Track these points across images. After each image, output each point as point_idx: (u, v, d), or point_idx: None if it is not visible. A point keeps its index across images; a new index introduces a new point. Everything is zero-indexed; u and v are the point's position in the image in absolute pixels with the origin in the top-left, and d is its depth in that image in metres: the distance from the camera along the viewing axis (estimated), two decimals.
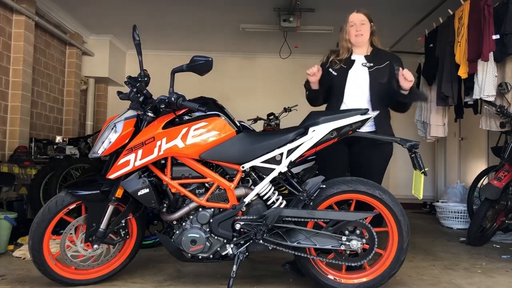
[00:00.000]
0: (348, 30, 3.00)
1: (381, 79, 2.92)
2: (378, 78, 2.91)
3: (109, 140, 2.48)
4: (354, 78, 2.95)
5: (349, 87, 2.94)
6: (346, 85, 2.94)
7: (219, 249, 2.53)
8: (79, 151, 5.69)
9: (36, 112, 5.72)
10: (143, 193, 2.46)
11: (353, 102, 2.92)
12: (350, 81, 2.94)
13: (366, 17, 3.00)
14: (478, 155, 6.41)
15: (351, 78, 2.95)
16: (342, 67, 2.99)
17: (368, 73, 2.93)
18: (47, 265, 2.54)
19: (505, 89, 3.99)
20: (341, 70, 2.99)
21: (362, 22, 2.99)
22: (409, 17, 5.52)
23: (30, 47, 5.31)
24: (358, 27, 2.97)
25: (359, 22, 2.98)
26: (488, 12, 3.96)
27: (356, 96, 2.92)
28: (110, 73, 7.20)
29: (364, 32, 2.98)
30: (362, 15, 3.00)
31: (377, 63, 2.95)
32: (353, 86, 2.93)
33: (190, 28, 6.59)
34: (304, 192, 2.51)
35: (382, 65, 2.94)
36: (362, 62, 2.97)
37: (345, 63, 2.99)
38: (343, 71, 2.98)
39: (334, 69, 3.00)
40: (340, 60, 3.01)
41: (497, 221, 4.25)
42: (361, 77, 2.94)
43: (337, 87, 2.98)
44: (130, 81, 2.53)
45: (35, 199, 4.49)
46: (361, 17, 3.00)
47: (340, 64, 2.99)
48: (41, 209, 2.54)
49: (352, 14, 3.03)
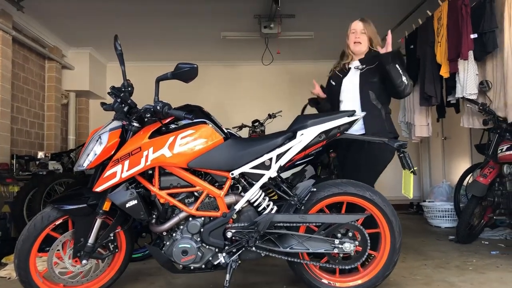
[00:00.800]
0: (349, 36, 3.10)
1: (371, 78, 2.95)
2: (368, 78, 2.95)
3: (94, 152, 2.43)
4: (347, 85, 3.03)
5: (343, 95, 3.03)
6: (341, 93, 3.04)
7: (211, 258, 2.48)
8: (62, 166, 5.60)
9: (16, 128, 5.61)
10: (131, 205, 2.41)
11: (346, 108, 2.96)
12: (344, 89, 3.04)
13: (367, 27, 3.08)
14: (461, 154, 6.49)
15: (345, 86, 3.05)
16: (338, 76, 3.10)
17: (359, 75, 2.98)
18: (34, 283, 2.46)
19: (486, 87, 4.04)
20: (337, 79, 3.10)
21: (363, 31, 3.06)
22: (388, 20, 5.55)
23: (8, 62, 5.22)
24: (357, 35, 3.05)
25: (359, 30, 3.07)
26: (465, 12, 4.02)
27: (349, 102, 3.00)
28: (91, 86, 7.13)
29: (363, 41, 3.06)
30: (363, 23, 3.08)
31: (369, 63, 3.00)
32: (346, 93, 3.02)
33: (170, 38, 6.57)
34: (295, 197, 2.49)
35: (373, 64, 2.97)
36: (355, 66, 3.04)
37: (341, 72, 3.10)
38: (339, 80, 3.08)
39: (333, 79, 3.13)
40: (339, 70, 3.13)
41: (485, 218, 4.29)
42: (353, 82, 3.01)
43: (334, 96, 3.10)
44: (114, 91, 2.49)
45: (19, 216, 4.38)
46: (361, 27, 3.08)
47: (338, 74, 3.11)
48: (27, 225, 2.46)
49: (354, 22, 3.12)
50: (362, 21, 3.10)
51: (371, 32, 3.10)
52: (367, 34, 3.07)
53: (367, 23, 3.10)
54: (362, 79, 2.98)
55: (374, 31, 3.12)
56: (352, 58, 3.11)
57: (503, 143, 4.01)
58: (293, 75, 7.64)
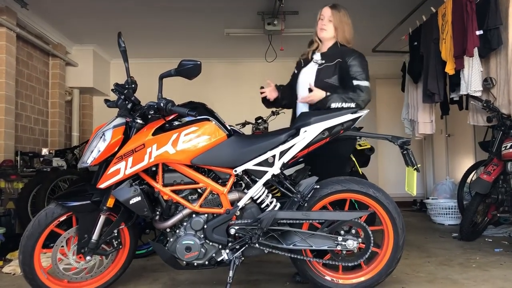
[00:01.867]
0: (318, 22, 3.03)
1: (327, 77, 2.87)
2: (324, 76, 2.88)
3: (98, 149, 2.43)
4: (304, 76, 2.99)
5: (300, 85, 3.00)
6: (298, 83, 3.02)
7: (214, 255, 2.49)
8: (66, 163, 5.62)
9: (20, 125, 5.63)
10: (135, 202, 2.42)
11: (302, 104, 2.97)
12: (301, 80, 3.00)
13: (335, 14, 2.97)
14: (465, 151, 6.48)
15: (302, 77, 3.01)
16: (300, 66, 3.06)
17: (316, 70, 2.92)
18: (39, 279, 2.48)
19: (490, 84, 4.03)
20: (299, 68, 3.07)
21: (330, 19, 2.97)
22: (392, 17, 5.56)
23: (12, 59, 5.23)
24: (324, 22, 2.98)
25: (327, 18, 2.98)
26: (470, 8, 4.00)
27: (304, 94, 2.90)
28: (95, 83, 7.13)
29: (328, 29, 2.97)
30: (331, 11, 2.98)
31: (328, 60, 2.92)
32: (303, 84, 2.97)
33: (174, 35, 6.56)
34: (298, 194, 2.49)
35: (332, 62, 2.89)
36: (315, 59, 2.98)
37: (305, 62, 3.05)
38: (299, 70, 3.06)
39: (296, 67, 3.09)
40: (303, 59, 3.08)
41: (488, 215, 4.28)
42: (309, 74, 2.96)
43: (294, 86, 3.08)
44: (118, 88, 2.50)
45: (23, 213, 4.41)
46: (330, 13, 2.97)
47: (301, 62, 3.07)
48: (31, 222, 2.48)
49: (324, 7, 3.03)
50: (332, 8, 2.99)
51: (338, 21, 2.96)
52: (334, 23, 2.96)
53: (337, 11, 2.98)
54: (319, 76, 2.89)
55: (343, 21, 2.97)
56: (319, 45, 3.04)
57: (507, 141, 3.99)
58: None
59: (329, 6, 3.01)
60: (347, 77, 2.83)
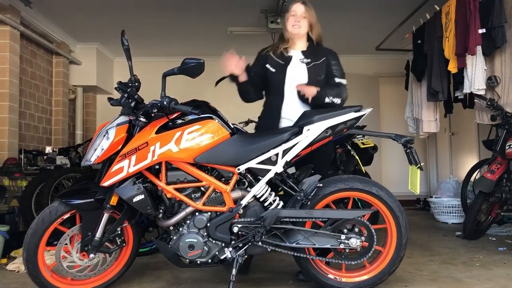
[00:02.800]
0: (288, 18, 2.97)
1: (318, 75, 2.89)
2: (316, 75, 2.89)
3: (101, 147, 2.43)
4: (292, 75, 2.91)
5: (288, 85, 2.91)
6: (285, 83, 2.91)
7: (218, 253, 2.49)
8: (70, 161, 5.64)
9: (24, 123, 5.65)
10: (138, 200, 2.42)
11: (293, 102, 2.89)
12: (289, 79, 2.91)
13: (308, 10, 2.95)
14: (469, 150, 6.46)
15: (290, 75, 2.92)
16: (279, 63, 2.95)
17: (306, 69, 2.90)
18: (43, 277, 2.49)
19: (494, 82, 4.02)
20: (279, 66, 2.94)
21: (303, 15, 2.94)
22: (396, 15, 5.54)
23: (16, 57, 5.25)
24: (297, 18, 2.93)
25: (300, 14, 2.94)
26: (473, 6, 3.99)
27: (296, 94, 2.87)
28: (98, 81, 7.14)
29: (302, 26, 2.93)
30: (304, 7, 2.95)
31: (314, 59, 2.92)
32: (292, 84, 2.89)
33: (177, 34, 6.56)
34: (301, 192, 2.49)
35: (319, 61, 2.91)
36: (300, 58, 2.94)
37: (282, 59, 2.95)
38: (281, 68, 2.94)
39: (272, 65, 2.95)
40: (277, 56, 2.97)
41: (492, 214, 4.26)
42: (300, 74, 2.91)
43: (276, 84, 2.94)
44: (121, 86, 2.50)
45: (27, 211, 4.42)
46: (303, 10, 2.94)
47: (277, 60, 2.95)
48: (35, 220, 2.49)
49: (296, 3, 2.98)
50: (304, 4, 2.96)
51: (313, 18, 2.96)
52: (308, 19, 2.94)
53: (309, 8, 2.96)
54: (311, 75, 2.89)
55: (315, 17, 2.98)
56: (290, 43, 2.99)
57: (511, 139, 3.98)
58: None
59: (301, 3, 2.97)
60: (329, 75, 2.91)
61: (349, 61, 7.66)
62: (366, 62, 7.78)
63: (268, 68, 2.95)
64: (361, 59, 7.77)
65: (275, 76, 2.93)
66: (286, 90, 2.91)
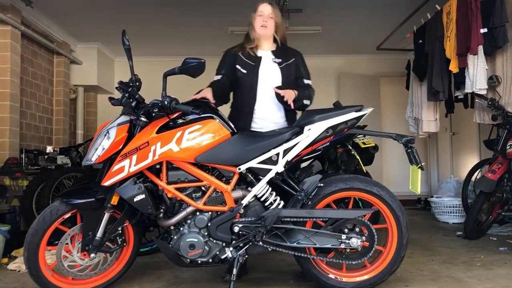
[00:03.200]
0: (256, 18, 2.99)
1: (290, 75, 2.95)
2: (288, 75, 2.94)
3: (102, 147, 2.43)
4: (265, 75, 2.93)
5: (262, 85, 2.93)
6: (258, 83, 2.93)
7: (218, 252, 2.49)
8: (71, 160, 5.64)
9: (25, 122, 5.65)
10: (139, 199, 2.42)
11: (265, 102, 2.92)
12: (262, 80, 2.93)
13: (275, 12, 2.99)
14: (470, 149, 6.45)
15: (262, 76, 2.94)
16: (250, 64, 2.96)
17: (279, 69, 2.94)
18: (44, 276, 2.49)
19: (496, 82, 4.01)
20: (250, 67, 2.95)
21: (270, 16, 2.97)
22: (397, 14, 5.54)
23: (17, 57, 5.25)
24: (265, 18, 2.96)
25: (267, 14, 2.97)
26: (475, 6, 3.99)
27: (269, 95, 2.91)
28: (99, 81, 7.15)
29: (269, 26, 2.97)
30: (271, 7, 2.99)
31: (285, 59, 2.97)
32: (266, 84, 2.92)
33: (178, 33, 6.57)
34: (302, 192, 2.49)
35: (289, 61, 2.97)
36: (271, 58, 2.97)
37: (252, 60, 2.97)
38: (252, 69, 2.95)
39: (242, 66, 2.96)
40: (246, 56, 2.98)
41: (493, 214, 4.26)
42: (273, 74, 2.94)
43: (248, 86, 2.95)
44: (122, 86, 2.50)
45: (28, 210, 4.43)
46: (270, 10, 2.98)
47: (247, 61, 2.96)
48: (36, 219, 2.49)
49: (263, 4, 3.01)
50: (270, 4, 3.00)
51: (278, 18, 3.01)
52: (275, 20, 2.98)
53: (275, 8, 3.01)
54: (284, 75, 2.94)
55: (281, 18, 3.04)
56: (256, 43, 3.01)
57: None
58: None
59: (268, 3, 3.00)
60: (298, 76, 2.97)
61: (350, 60, 7.80)
62: (367, 62, 7.78)
63: (238, 69, 2.96)
64: (362, 59, 7.77)
65: (246, 77, 2.94)
66: (259, 91, 2.93)
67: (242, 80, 2.95)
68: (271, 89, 2.88)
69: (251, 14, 3.04)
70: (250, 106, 2.92)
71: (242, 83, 2.96)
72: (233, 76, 2.97)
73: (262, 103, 2.93)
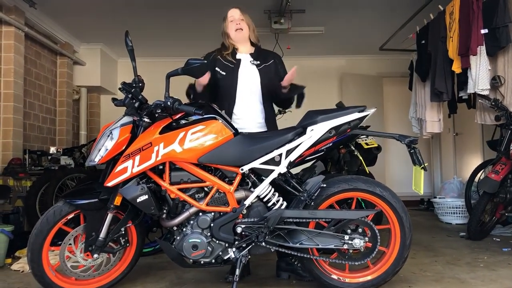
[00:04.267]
0: (228, 25, 3.06)
1: (270, 76, 3.00)
2: (267, 76, 2.99)
3: (105, 148, 2.44)
4: (245, 77, 2.98)
5: (241, 87, 2.97)
6: (238, 85, 2.97)
7: (221, 253, 2.50)
8: (74, 161, 5.65)
9: (29, 123, 5.67)
10: (142, 200, 2.43)
11: (245, 103, 2.97)
12: (241, 81, 2.97)
13: (244, 14, 3.06)
14: (473, 150, 6.44)
15: (242, 78, 2.98)
16: (229, 67, 2.99)
17: (257, 71, 2.99)
18: (47, 277, 2.50)
19: (499, 82, 4.00)
20: (229, 70, 2.99)
21: (241, 18, 3.04)
22: (399, 15, 5.53)
23: (20, 58, 5.27)
24: (237, 21, 3.03)
25: (238, 17, 3.04)
26: (477, 6, 3.98)
27: (248, 96, 2.97)
28: (102, 82, 7.16)
29: (244, 27, 3.04)
30: (239, 11, 3.07)
31: (263, 61, 3.04)
32: (245, 86, 2.97)
33: (180, 34, 6.57)
34: (305, 192, 2.49)
35: (268, 63, 3.04)
36: (250, 60, 3.02)
37: (231, 63, 3.00)
38: (231, 71, 2.98)
39: (221, 68, 2.99)
40: (225, 60, 3.01)
41: (496, 215, 4.25)
42: (252, 76, 2.99)
43: (227, 87, 2.98)
44: (125, 87, 2.51)
45: (31, 211, 4.45)
46: (239, 13, 3.05)
47: (227, 64, 3.00)
48: (39, 220, 2.50)
49: (230, 9, 3.08)
50: (238, 8, 3.07)
51: (249, 20, 3.08)
52: (246, 21, 3.06)
53: (244, 11, 3.08)
54: (263, 76, 2.99)
55: (251, 20, 3.10)
56: (233, 48, 3.05)
57: None
58: (303, 71, 7.53)
59: (235, 7, 3.08)
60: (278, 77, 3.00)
61: (352, 61, 7.80)
62: (369, 63, 7.77)
63: (218, 71, 2.99)
64: (364, 60, 7.76)
65: (226, 79, 2.98)
66: (239, 93, 2.97)
67: (221, 82, 2.99)
68: (250, 91, 2.97)
69: (222, 24, 3.11)
70: (230, 107, 2.97)
71: (221, 85, 3.00)
72: (213, 79, 2.97)
73: (242, 104, 2.97)
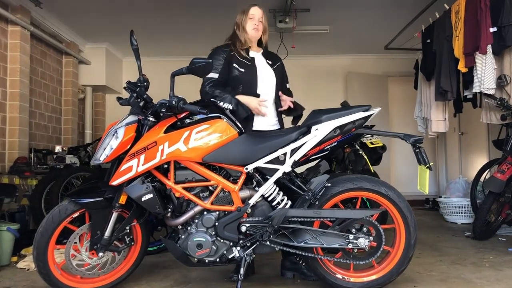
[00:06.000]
0: (247, 21, 3.01)
1: (280, 77, 3.07)
2: (280, 76, 3.06)
3: (110, 147, 2.45)
4: (263, 76, 3.00)
5: (261, 85, 2.98)
6: (258, 82, 2.97)
7: (226, 252, 2.50)
8: (79, 160, 5.67)
9: (34, 122, 5.70)
10: (147, 199, 2.43)
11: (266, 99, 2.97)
12: (261, 79, 2.98)
13: (264, 16, 3.06)
14: (478, 149, 6.41)
15: (261, 76, 2.99)
16: (246, 64, 2.98)
17: (272, 70, 3.04)
18: (52, 275, 2.51)
19: (505, 81, 3.98)
20: (246, 66, 2.97)
21: (260, 20, 3.03)
22: (405, 14, 5.51)
23: (26, 57, 5.30)
24: (256, 22, 3.01)
25: (258, 18, 3.02)
26: (484, 5, 3.95)
27: (265, 95, 2.98)
28: (107, 81, 7.19)
29: (260, 29, 3.04)
30: (262, 12, 3.05)
31: (274, 62, 3.08)
32: (264, 84, 2.99)
33: (185, 33, 6.58)
34: (309, 192, 2.48)
35: (276, 64, 3.09)
36: (264, 60, 3.06)
37: (247, 59, 2.99)
38: (249, 68, 2.97)
39: (239, 65, 2.96)
40: (241, 56, 2.99)
41: (502, 214, 4.23)
42: (269, 75, 3.02)
43: (247, 83, 2.95)
44: (130, 86, 2.51)
45: (37, 209, 4.47)
46: (260, 14, 3.03)
47: (243, 60, 2.98)
48: (45, 218, 2.51)
49: (253, 7, 3.04)
50: (261, 9, 3.06)
51: (266, 23, 3.09)
52: (263, 24, 3.05)
53: (264, 13, 3.07)
54: (277, 76, 3.04)
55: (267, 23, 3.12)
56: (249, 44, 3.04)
57: None
58: (308, 70, 7.61)
59: (258, 7, 3.05)
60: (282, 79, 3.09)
61: (357, 60, 7.78)
62: (375, 62, 7.76)
63: (236, 67, 2.96)
64: (370, 59, 7.74)
65: (244, 76, 2.96)
66: (259, 90, 2.98)
67: (240, 79, 2.95)
68: (267, 91, 2.98)
69: (239, 16, 3.06)
70: None
71: (240, 82, 2.95)
72: (229, 75, 2.96)
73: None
